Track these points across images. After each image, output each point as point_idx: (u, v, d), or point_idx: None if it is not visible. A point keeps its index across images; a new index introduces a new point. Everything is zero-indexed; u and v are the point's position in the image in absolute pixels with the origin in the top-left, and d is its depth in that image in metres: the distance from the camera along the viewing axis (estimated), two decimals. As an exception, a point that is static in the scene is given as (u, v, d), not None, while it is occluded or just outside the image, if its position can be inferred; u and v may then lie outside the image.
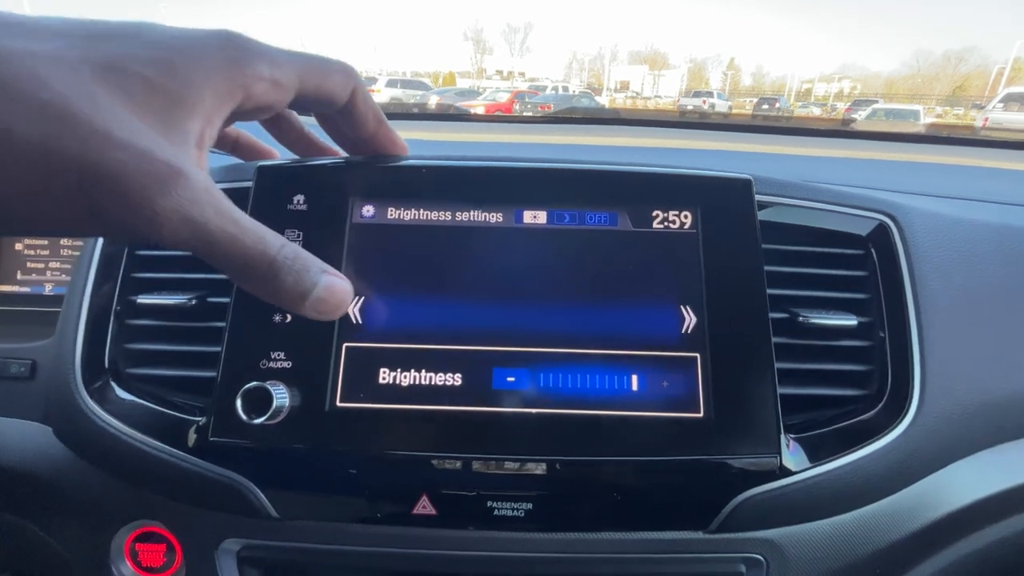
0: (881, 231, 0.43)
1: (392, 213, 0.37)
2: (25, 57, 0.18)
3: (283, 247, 0.23)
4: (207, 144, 0.23)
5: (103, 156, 0.18)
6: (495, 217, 0.37)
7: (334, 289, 0.24)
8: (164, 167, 0.19)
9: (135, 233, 0.20)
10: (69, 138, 0.18)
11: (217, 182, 0.40)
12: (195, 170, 0.20)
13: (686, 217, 0.37)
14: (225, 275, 0.23)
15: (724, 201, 0.38)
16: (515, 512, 0.36)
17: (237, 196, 0.38)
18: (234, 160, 0.41)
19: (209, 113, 0.22)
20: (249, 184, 0.37)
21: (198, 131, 0.22)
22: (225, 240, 0.21)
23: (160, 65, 0.21)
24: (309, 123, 0.36)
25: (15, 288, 0.57)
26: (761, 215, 0.39)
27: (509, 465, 0.34)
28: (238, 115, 0.26)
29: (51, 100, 0.18)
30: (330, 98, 0.29)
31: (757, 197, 0.38)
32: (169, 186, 0.19)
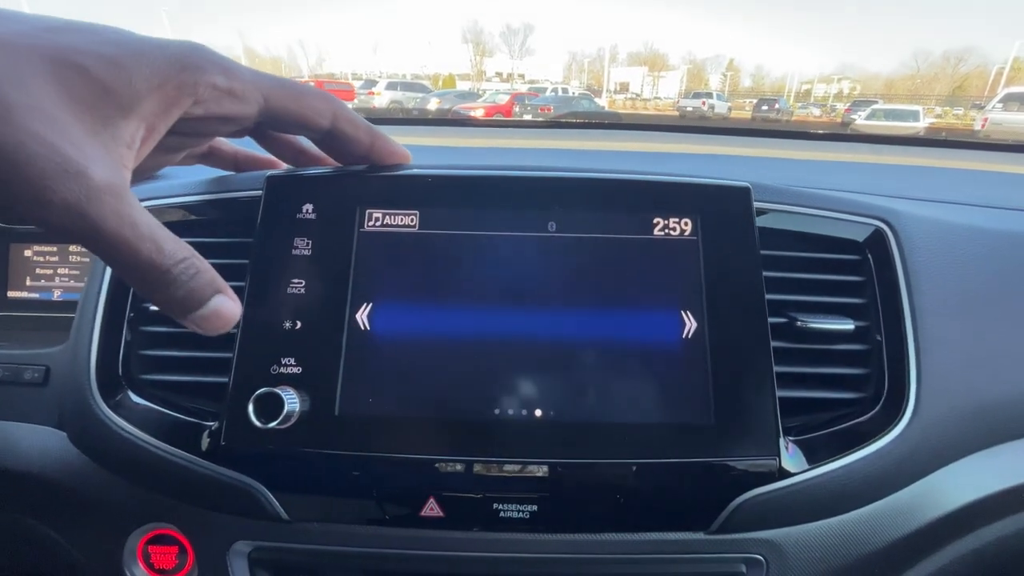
0: (877, 236, 0.43)
1: (399, 221, 0.38)
2: None
3: (182, 262, 0.23)
4: (142, 145, 0.23)
5: (11, 141, 0.19)
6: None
7: (221, 312, 0.25)
8: (67, 162, 0.20)
9: (29, 216, 0.20)
10: None
11: (222, 191, 0.41)
12: (104, 169, 0.21)
13: (686, 224, 0.38)
14: (117, 274, 0.23)
15: (723, 208, 0.38)
16: (520, 514, 0.36)
17: (247, 206, 0.39)
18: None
19: (149, 116, 0.23)
20: (259, 193, 0.38)
21: (131, 131, 0.22)
22: (114, 242, 0.21)
23: (105, 60, 0.21)
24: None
25: (25, 294, 0.58)
26: (759, 221, 0.39)
27: (514, 468, 0.35)
28: (191, 124, 0.25)
29: None
30: (307, 121, 0.29)
31: (755, 204, 0.39)
32: (67, 180, 0.20)
